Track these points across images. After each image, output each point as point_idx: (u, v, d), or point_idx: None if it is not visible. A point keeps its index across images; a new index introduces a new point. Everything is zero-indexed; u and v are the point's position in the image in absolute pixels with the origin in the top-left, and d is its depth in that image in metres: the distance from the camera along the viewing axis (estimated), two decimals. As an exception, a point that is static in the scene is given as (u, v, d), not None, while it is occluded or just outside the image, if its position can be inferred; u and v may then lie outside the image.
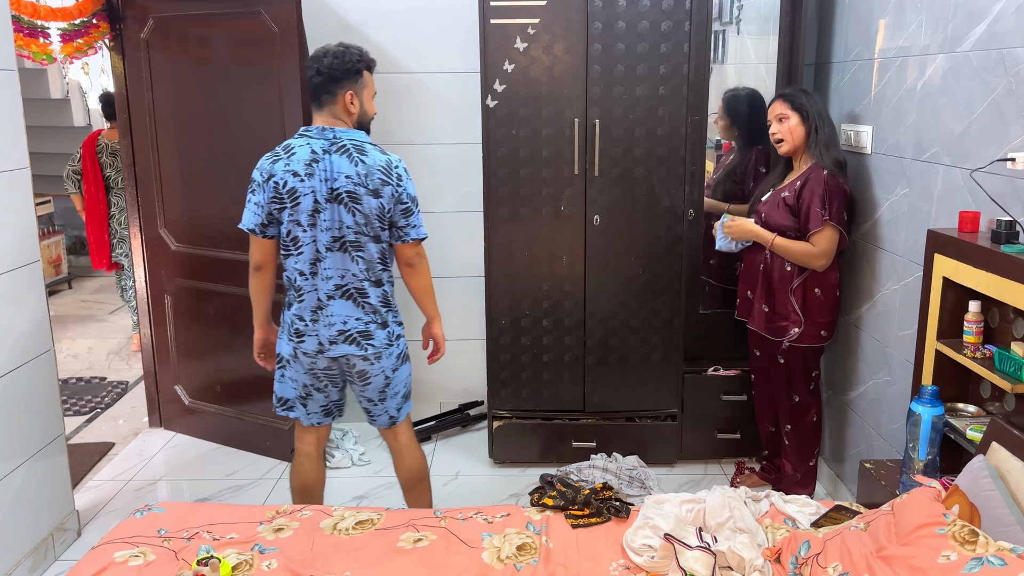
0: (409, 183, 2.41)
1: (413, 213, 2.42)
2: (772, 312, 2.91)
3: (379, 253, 2.44)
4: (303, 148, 2.37)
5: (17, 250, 2.67)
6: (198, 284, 3.61)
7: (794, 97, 2.83)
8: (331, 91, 2.37)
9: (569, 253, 3.23)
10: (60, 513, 2.89)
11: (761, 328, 2.95)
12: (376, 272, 2.45)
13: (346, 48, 2.38)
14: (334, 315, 2.44)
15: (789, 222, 2.82)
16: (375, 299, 2.46)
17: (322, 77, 2.36)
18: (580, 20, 3.03)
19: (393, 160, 2.40)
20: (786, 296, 2.86)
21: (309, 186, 2.35)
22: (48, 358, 2.83)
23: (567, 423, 3.41)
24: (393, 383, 2.57)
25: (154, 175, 3.61)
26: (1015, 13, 2.07)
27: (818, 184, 2.74)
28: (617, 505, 2.20)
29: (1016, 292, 1.87)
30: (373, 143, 2.43)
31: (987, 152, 2.18)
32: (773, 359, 2.97)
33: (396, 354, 2.55)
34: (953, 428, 2.10)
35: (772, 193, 2.92)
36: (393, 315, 2.53)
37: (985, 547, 1.53)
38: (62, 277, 6.78)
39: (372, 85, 2.46)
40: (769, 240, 2.85)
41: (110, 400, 4.34)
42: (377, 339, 2.48)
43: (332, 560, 1.98)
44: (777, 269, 2.87)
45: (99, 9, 3.41)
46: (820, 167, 2.76)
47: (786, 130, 2.83)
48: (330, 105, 2.39)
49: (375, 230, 2.39)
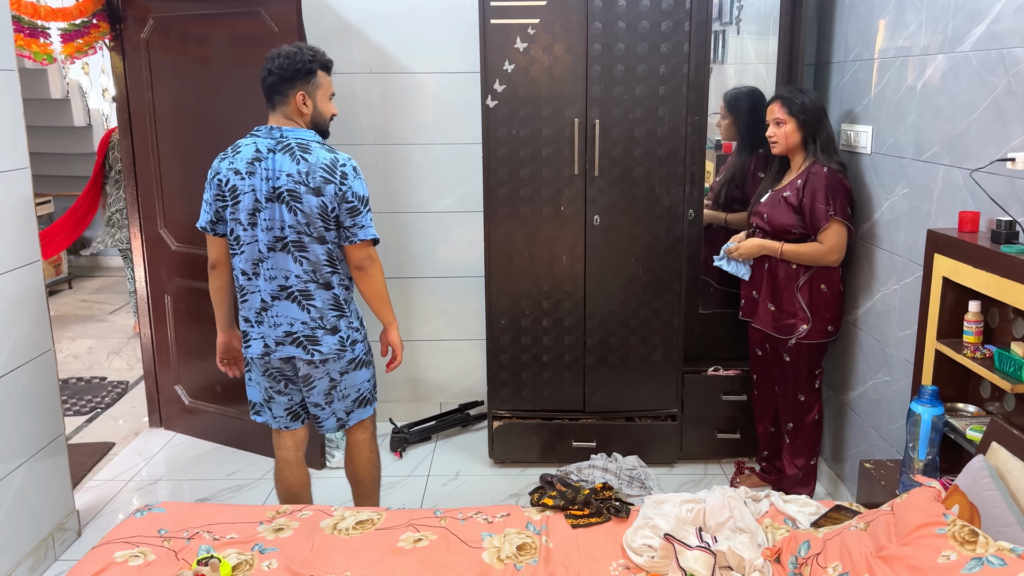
0: (356, 182, 2.34)
1: (360, 212, 2.34)
2: (779, 311, 2.91)
3: (325, 255, 2.38)
4: (248, 147, 2.36)
5: (17, 250, 2.67)
6: (198, 284, 3.61)
7: (791, 102, 2.80)
8: (283, 91, 2.35)
9: (569, 253, 3.23)
10: (60, 513, 2.89)
11: (768, 327, 2.95)
12: (323, 275, 2.39)
13: (299, 48, 2.36)
14: (279, 316, 2.40)
15: (792, 220, 2.82)
16: (322, 302, 2.40)
17: (273, 77, 2.34)
18: (580, 20, 3.03)
19: (340, 158, 2.34)
20: (792, 294, 2.86)
21: (249, 184, 2.33)
22: (48, 358, 2.83)
23: (567, 423, 3.41)
24: (341, 386, 2.50)
25: (154, 175, 3.61)
26: (1015, 13, 2.07)
27: (819, 181, 2.74)
28: (617, 505, 2.20)
29: (1016, 292, 1.87)
30: (322, 143, 2.39)
31: (987, 152, 2.18)
32: (779, 358, 2.97)
33: (349, 359, 2.48)
34: (953, 428, 2.10)
35: (771, 194, 2.92)
36: (347, 320, 2.45)
37: (985, 547, 1.53)
38: (62, 277, 6.78)
39: (328, 85, 2.43)
40: (778, 249, 2.85)
41: (110, 400, 4.34)
42: (325, 345, 2.42)
43: (332, 560, 1.98)
44: (783, 267, 2.88)
45: (99, 9, 3.41)
46: (820, 164, 2.78)
47: (782, 134, 2.83)
48: (282, 106, 2.37)
49: (318, 230, 2.34)
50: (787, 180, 2.90)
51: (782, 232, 2.86)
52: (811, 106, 2.80)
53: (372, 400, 2.62)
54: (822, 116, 2.82)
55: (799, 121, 2.80)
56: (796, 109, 2.79)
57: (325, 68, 2.41)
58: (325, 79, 2.41)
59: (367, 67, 3.68)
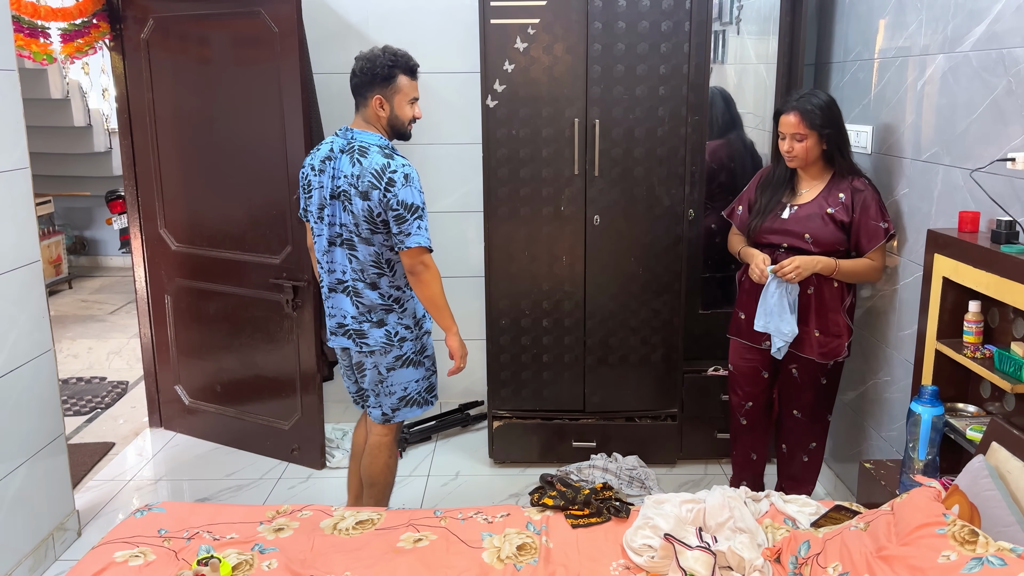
0: (405, 190, 2.35)
1: (406, 220, 2.36)
2: (825, 335, 2.66)
3: (372, 256, 2.44)
4: (326, 145, 2.49)
5: (17, 250, 2.67)
6: (198, 284, 3.61)
7: (813, 115, 2.54)
8: (363, 94, 2.44)
9: (569, 253, 3.23)
10: (60, 513, 2.89)
11: (815, 355, 2.67)
12: (370, 275, 2.47)
13: (381, 52, 2.42)
14: (334, 308, 2.55)
15: (842, 238, 2.60)
16: (369, 300, 2.49)
17: (356, 80, 2.43)
18: (580, 20, 3.03)
19: (393, 165, 2.36)
20: (838, 315, 2.65)
21: (319, 181, 2.47)
22: (48, 358, 2.83)
23: (567, 423, 3.41)
24: (388, 382, 2.57)
25: (154, 175, 3.61)
26: (1015, 13, 2.07)
27: (868, 195, 2.56)
28: (617, 505, 2.20)
29: (1016, 292, 1.87)
30: (384, 147, 2.42)
31: (987, 152, 2.18)
32: (812, 383, 2.73)
33: (396, 355, 2.54)
34: (953, 428, 2.11)
35: (798, 210, 2.65)
36: (397, 316, 2.52)
37: (985, 547, 1.53)
38: (62, 277, 6.77)
39: (410, 89, 2.46)
40: (834, 267, 2.58)
41: (110, 400, 4.34)
42: (371, 337, 2.50)
43: (332, 560, 1.98)
44: (828, 288, 2.63)
45: (99, 9, 3.41)
46: (856, 177, 2.60)
47: (802, 149, 2.58)
48: (363, 108, 2.46)
49: (365, 232, 2.41)
50: (811, 193, 2.65)
51: (830, 252, 2.60)
52: (831, 114, 2.56)
53: (422, 403, 2.66)
54: (841, 123, 2.61)
55: (821, 135, 2.56)
56: (818, 121, 2.54)
57: (408, 72, 2.45)
58: (407, 83, 2.45)
59: (367, 67, 3.67)
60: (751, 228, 2.75)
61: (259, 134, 3.28)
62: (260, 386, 3.56)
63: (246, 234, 3.42)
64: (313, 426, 3.45)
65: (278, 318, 3.40)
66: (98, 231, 7.51)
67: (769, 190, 2.75)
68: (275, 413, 3.55)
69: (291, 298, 3.29)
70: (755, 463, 2.99)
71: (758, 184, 2.82)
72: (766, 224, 2.69)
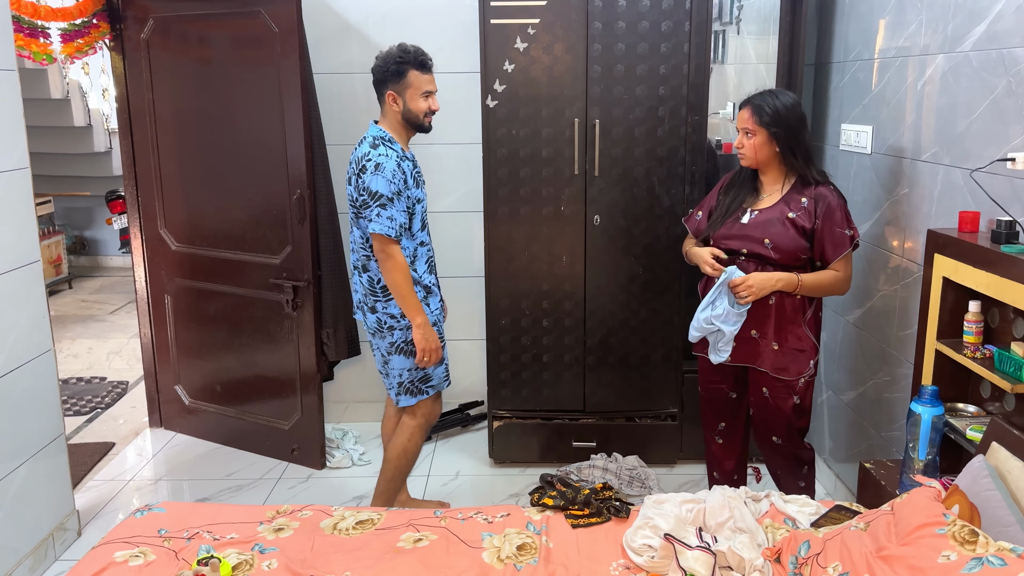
0: (374, 178, 2.50)
1: (369, 207, 2.52)
2: (784, 349, 2.51)
3: (361, 239, 2.64)
4: None
5: (17, 250, 2.67)
6: (198, 284, 3.61)
7: (762, 110, 2.44)
8: (379, 91, 2.63)
9: (569, 253, 3.23)
10: (60, 513, 2.89)
11: (771, 369, 2.53)
12: (360, 257, 2.66)
13: (394, 50, 2.56)
14: (355, 284, 2.75)
15: (803, 245, 2.46)
16: (361, 284, 2.68)
17: (373, 80, 2.62)
18: (580, 20, 3.03)
19: (371, 154, 2.53)
20: (800, 327, 2.51)
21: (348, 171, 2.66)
22: (48, 358, 2.83)
23: (567, 423, 3.41)
24: (389, 365, 2.71)
25: (154, 175, 3.61)
26: (1015, 13, 2.07)
27: (833, 201, 2.43)
28: (617, 505, 2.20)
29: (1016, 292, 1.87)
30: (377, 138, 2.58)
31: (987, 152, 2.18)
32: (782, 405, 2.56)
33: (389, 341, 2.67)
34: (953, 428, 2.10)
35: (758, 214, 2.52)
36: (384, 304, 2.64)
37: (985, 547, 1.53)
38: (62, 277, 6.78)
39: (423, 83, 2.59)
40: (796, 283, 2.45)
41: (110, 400, 4.34)
42: (369, 320, 2.69)
43: (332, 560, 1.98)
44: (789, 301, 2.50)
45: (99, 9, 3.41)
46: (819, 183, 2.47)
47: (750, 146, 2.47)
48: (381, 104, 2.65)
49: (353, 215, 2.62)
50: (772, 197, 2.53)
51: (791, 259, 2.47)
52: (786, 115, 2.42)
53: (416, 392, 2.74)
54: (799, 126, 2.45)
55: (770, 133, 2.44)
56: (767, 119, 2.42)
57: (419, 67, 2.57)
58: (418, 77, 2.57)
59: (367, 67, 3.63)
60: (708, 232, 2.62)
61: (259, 134, 3.28)
62: (260, 386, 3.56)
63: (246, 234, 3.42)
64: (313, 426, 3.45)
65: (278, 318, 3.40)
66: (98, 231, 7.51)
67: (732, 192, 2.62)
68: (275, 413, 3.55)
69: (291, 298, 3.29)
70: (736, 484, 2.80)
71: (722, 188, 2.68)
72: (724, 230, 2.56)
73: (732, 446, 2.79)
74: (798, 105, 2.47)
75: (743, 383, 2.67)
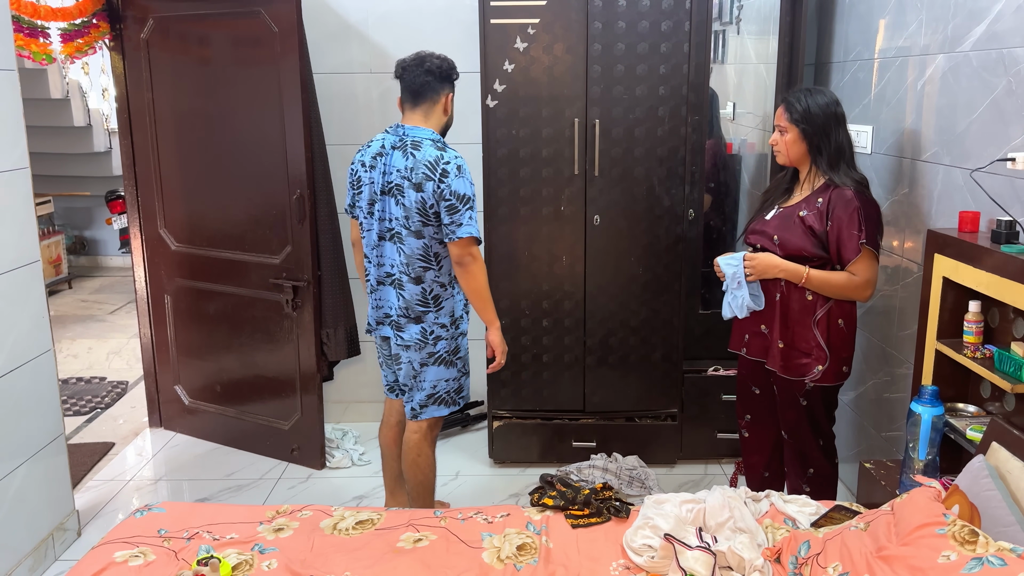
0: (458, 181, 2.42)
1: (458, 211, 2.42)
2: (790, 348, 2.50)
3: (420, 249, 2.49)
4: (377, 142, 2.55)
5: (17, 250, 2.67)
6: (198, 284, 3.61)
7: (793, 107, 2.44)
8: (434, 91, 2.52)
9: (569, 253, 3.23)
10: (60, 513, 2.89)
11: (777, 367, 2.53)
12: (415, 268, 2.51)
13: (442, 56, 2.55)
14: (382, 299, 2.61)
15: (809, 245, 2.42)
16: (410, 295, 2.53)
17: (431, 77, 2.50)
18: (580, 20, 3.03)
19: (446, 156, 2.44)
20: (808, 329, 2.46)
21: (370, 178, 2.52)
22: (48, 358, 2.83)
23: (567, 423, 3.41)
24: (420, 377, 2.62)
25: (154, 175, 3.61)
26: (1015, 13, 2.07)
27: (848, 203, 2.36)
28: (617, 505, 2.20)
29: (1016, 292, 1.87)
30: (435, 141, 2.49)
31: (987, 152, 2.18)
32: (791, 403, 2.56)
33: (429, 351, 2.58)
34: (953, 428, 2.11)
35: (781, 211, 2.52)
36: (435, 315, 2.56)
37: (985, 547, 1.53)
38: (62, 277, 6.77)
39: None
40: (803, 275, 2.42)
41: (110, 400, 4.34)
42: (407, 332, 2.57)
43: (332, 560, 1.98)
44: (798, 297, 2.47)
45: (99, 9, 3.41)
46: (843, 185, 2.39)
47: (783, 143, 2.48)
48: (430, 103, 2.52)
49: (416, 224, 2.47)
50: (799, 196, 2.52)
51: (796, 259, 2.45)
52: (817, 112, 2.40)
53: (450, 403, 2.69)
54: (830, 124, 2.41)
55: (801, 130, 2.43)
56: (797, 116, 2.43)
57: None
58: None
59: (367, 67, 3.68)
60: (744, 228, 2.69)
61: (259, 134, 3.28)
62: (260, 386, 3.56)
63: (246, 234, 3.42)
64: (313, 426, 3.45)
65: (278, 318, 3.40)
66: (98, 231, 7.51)
67: (771, 190, 2.68)
68: (275, 413, 3.55)
69: (291, 298, 3.29)
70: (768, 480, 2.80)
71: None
72: (752, 224, 2.62)
73: (758, 441, 2.78)
74: (833, 104, 2.43)
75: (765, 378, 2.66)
